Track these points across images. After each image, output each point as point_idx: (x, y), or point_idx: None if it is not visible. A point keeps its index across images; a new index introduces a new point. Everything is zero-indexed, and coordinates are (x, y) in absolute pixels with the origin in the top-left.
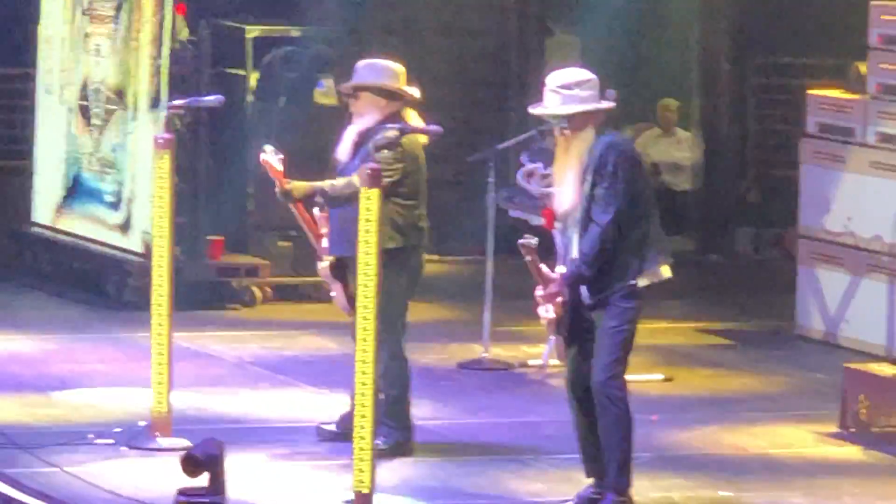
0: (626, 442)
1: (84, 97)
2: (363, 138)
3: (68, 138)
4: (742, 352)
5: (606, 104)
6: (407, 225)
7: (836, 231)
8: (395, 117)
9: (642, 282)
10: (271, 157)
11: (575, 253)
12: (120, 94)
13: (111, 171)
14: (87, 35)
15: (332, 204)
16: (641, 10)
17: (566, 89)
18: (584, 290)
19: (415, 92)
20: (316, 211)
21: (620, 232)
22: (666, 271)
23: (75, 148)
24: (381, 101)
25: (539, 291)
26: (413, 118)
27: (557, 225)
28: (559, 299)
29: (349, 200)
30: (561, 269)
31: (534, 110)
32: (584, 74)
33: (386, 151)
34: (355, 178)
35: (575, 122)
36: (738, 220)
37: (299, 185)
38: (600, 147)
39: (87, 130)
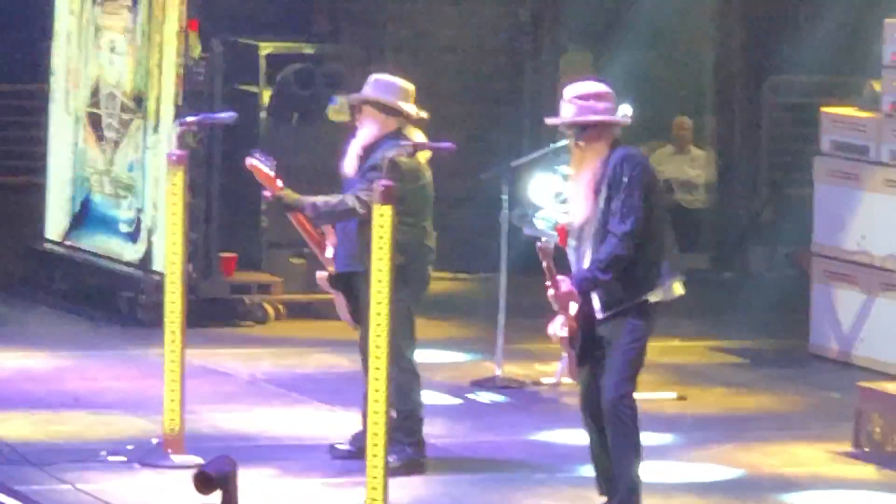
0: (635, 460)
1: (95, 104)
2: (367, 152)
3: (76, 153)
4: (756, 370)
5: (622, 119)
6: (410, 242)
7: (850, 249)
8: (397, 134)
9: (654, 297)
10: (259, 162)
11: (585, 264)
12: (138, 100)
13: (127, 194)
14: (98, 29)
15: (321, 221)
16: (655, 27)
17: (582, 100)
18: (596, 304)
19: (413, 110)
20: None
21: (636, 244)
22: (678, 288)
23: (83, 165)
24: (380, 115)
25: (551, 292)
26: (417, 137)
27: (571, 242)
28: (572, 309)
29: (340, 219)
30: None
31: (550, 120)
32: (602, 87)
33: (377, 173)
34: (349, 198)
35: (590, 133)
36: (752, 239)
37: (290, 195)
38: (615, 159)
39: (98, 144)
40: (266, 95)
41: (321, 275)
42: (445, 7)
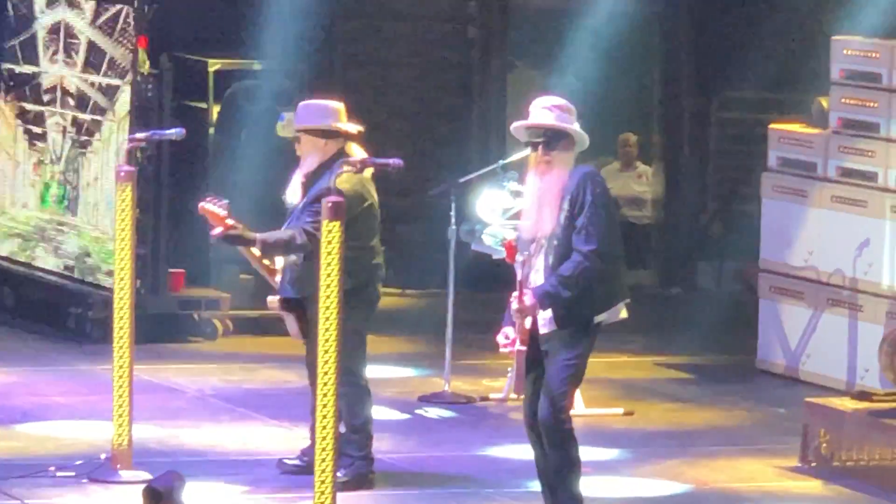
0: (575, 474)
1: None
2: (310, 180)
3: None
4: (703, 386)
5: (583, 137)
6: (357, 266)
7: (797, 265)
8: (339, 154)
9: (601, 318)
10: (211, 205)
11: (539, 279)
12: None
13: None
14: None
15: (273, 254)
16: (603, 44)
17: (560, 110)
18: (543, 318)
19: (351, 127)
20: (255, 251)
21: (600, 261)
22: (623, 312)
23: None
24: (320, 142)
25: (515, 305)
26: (356, 152)
27: (519, 257)
28: (528, 322)
29: (288, 253)
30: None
31: (517, 124)
32: (569, 103)
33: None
34: (297, 232)
35: (563, 144)
36: (699, 255)
37: (241, 232)
38: (579, 176)
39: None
40: (215, 111)
41: (272, 299)
42: (394, 24)
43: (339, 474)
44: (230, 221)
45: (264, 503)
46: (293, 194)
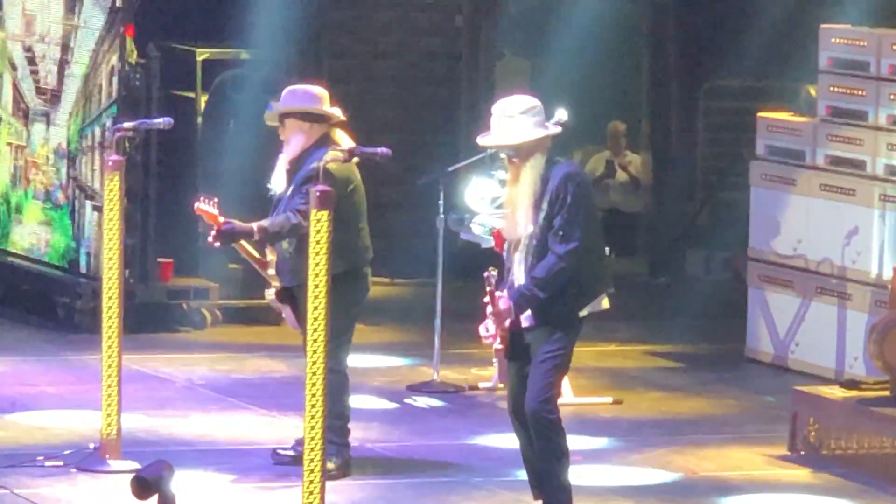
0: (562, 463)
1: None
2: (294, 166)
3: None
4: (691, 374)
5: (553, 129)
6: (348, 248)
7: (785, 254)
8: (325, 139)
9: (583, 313)
10: (204, 205)
11: (520, 276)
12: None
13: None
14: None
15: (273, 241)
16: (591, 33)
17: (513, 118)
18: (524, 315)
19: (338, 112)
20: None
21: (577, 261)
22: (605, 302)
23: None
24: (304, 125)
25: (490, 309)
26: (342, 138)
27: (506, 245)
28: (506, 322)
29: (286, 237)
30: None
31: (482, 141)
32: (530, 101)
33: (311, 184)
34: (291, 215)
35: (524, 150)
36: (688, 243)
37: (238, 227)
38: (557, 177)
39: None
40: (203, 101)
41: (270, 292)
42: (382, 13)
43: (329, 464)
44: (222, 219)
45: (253, 492)
46: (278, 182)
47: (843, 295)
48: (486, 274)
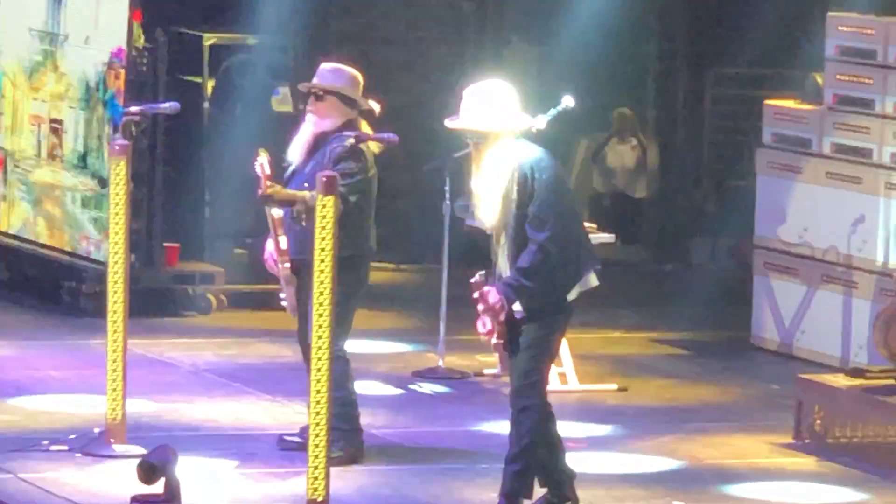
0: (531, 450)
1: None
2: (318, 141)
3: None
4: (697, 362)
5: (526, 120)
6: (357, 233)
7: (791, 242)
8: (352, 124)
9: (572, 295)
10: (265, 162)
11: (504, 267)
12: None
13: None
14: None
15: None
16: (599, 19)
17: (482, 103)
18: (517, 306)
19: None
20: (276, 212)
21: (557, 247)
22: (593, 279)
23: None
24: (343, 107)
25: (481, 306)
26: (365, 127)
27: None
28: (501, 315)
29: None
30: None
31: (449, 124)
32: (502, 87)
33: (352, 163)
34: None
35: (490, 136)
36: (693, 230)
37: (280, 192)
38: (524, 164)
39: None
40: (210, 86)
41: (286, 266)
42: None
43: (334, 450)
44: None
45: (257, 478)
46: (296, 152)
47: (849, 283)
48: (472, 280)
